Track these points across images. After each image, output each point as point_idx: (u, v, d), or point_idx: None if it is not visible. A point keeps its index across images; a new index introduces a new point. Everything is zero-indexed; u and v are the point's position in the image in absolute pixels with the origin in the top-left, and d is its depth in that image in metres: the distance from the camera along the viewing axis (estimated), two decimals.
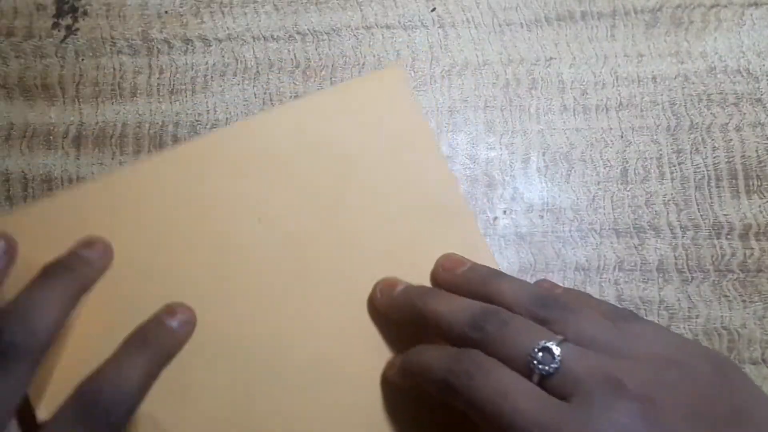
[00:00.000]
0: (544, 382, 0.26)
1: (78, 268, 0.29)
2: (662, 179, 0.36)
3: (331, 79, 0.38)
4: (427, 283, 0.32)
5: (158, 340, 0.28)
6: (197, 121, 0.37)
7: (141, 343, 0.28)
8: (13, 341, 0.26)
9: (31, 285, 0.28)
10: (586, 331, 0.27)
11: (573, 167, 0.37)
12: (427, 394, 0.28)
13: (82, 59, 0.38)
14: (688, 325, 0.35)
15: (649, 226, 0.36)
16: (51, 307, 0.27)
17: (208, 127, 0.37)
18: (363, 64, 0.38)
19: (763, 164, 0.37)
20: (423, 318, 0.29)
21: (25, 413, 0.29)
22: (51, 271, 0.29)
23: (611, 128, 0.37)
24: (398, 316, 0.31)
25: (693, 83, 0.38)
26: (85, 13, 0.39)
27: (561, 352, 0.26)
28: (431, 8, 0.39)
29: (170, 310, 0.29)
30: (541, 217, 0.36)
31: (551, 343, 0.26)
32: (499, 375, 0.26)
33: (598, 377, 0.25)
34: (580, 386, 0.25)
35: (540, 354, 0.26)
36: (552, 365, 0.25)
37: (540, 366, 0.25)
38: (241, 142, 0.34)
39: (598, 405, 0.24)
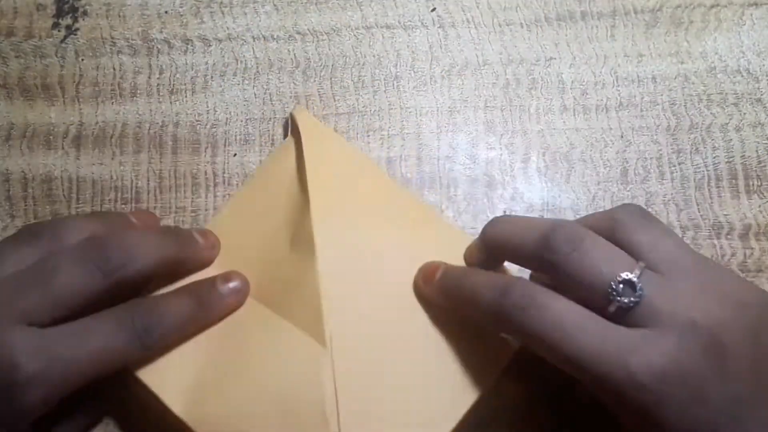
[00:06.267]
0: (619, 311, 0.25)
1: (183, 241, 0.31)
2: (662, 179, 0.37)
3: (331, 78, 0.38)
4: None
5: (204, 298, 0.30)
6: (197, 121, 0.37)
7: (187, 293, 0.30)
8: (124, 264, 0.28)
9: (139, 232, 0.30)
10: (666, 253, 0.26)
11: (573, 167, 0.37)
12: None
13: (82, 59, 0.38)
14: None
15: None
16: (152, 248, 0.29)
17: (207, 126, 0.37)
18: (363, 64, 0.38)
19: (763, 164, 0.37)
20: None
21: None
22: (158, 230, 0.32)
23: (611, 128, 0.37)
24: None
25: (693, 83, 0.38)
26: (85, 13, 0.39)
27: (643, 286, 0.25)
28: (431, 8, 0.39)
29: (226, 276, 0.31)
30: (542, 217, 0.36)
31: (633, 276, 0.25)
32: (556, 308, 0.25)
33: (677, 317, 0.24)
34: (657, 319, 0.24)
35: (621, 286, 0.25)
36: (632, 298, 0.25)
37: (620, 298, 0.25)
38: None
39: (670, 341, 0.24)
